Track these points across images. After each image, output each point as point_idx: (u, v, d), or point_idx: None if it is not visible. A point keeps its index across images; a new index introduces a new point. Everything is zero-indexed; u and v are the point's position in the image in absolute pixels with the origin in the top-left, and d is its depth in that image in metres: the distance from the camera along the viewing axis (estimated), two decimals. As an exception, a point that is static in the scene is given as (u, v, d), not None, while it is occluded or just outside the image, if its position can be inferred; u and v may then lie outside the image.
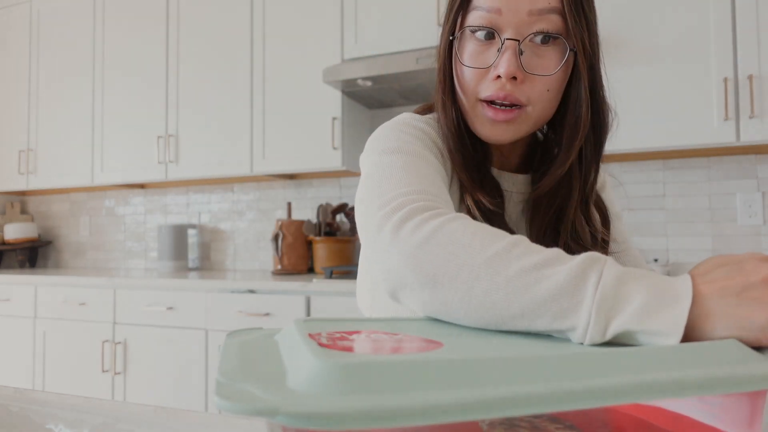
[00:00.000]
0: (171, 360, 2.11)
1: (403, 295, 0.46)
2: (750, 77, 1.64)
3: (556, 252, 0.41)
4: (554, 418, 0.35)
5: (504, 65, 0.57)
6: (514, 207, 0.70)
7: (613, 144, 0.72)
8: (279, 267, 2.32)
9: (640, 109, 1.76)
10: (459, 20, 0.63)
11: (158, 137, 2.54)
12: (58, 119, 2.81)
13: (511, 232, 0.66)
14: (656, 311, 0.34)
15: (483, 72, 0.60)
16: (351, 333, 0.35)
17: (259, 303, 1.97)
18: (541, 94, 0.60)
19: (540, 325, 0.38)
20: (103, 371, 2.23)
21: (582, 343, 0.37)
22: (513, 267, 0.40)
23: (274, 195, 2.65)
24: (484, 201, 0.64)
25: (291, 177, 2.58)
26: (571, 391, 0.25)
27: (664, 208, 2.01)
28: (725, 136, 1.66)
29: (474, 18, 0.60)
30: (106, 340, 2.23)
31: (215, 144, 2.42)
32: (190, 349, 2.08)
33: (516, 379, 0.26)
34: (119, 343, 2.21)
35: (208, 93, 2.45)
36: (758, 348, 0.33)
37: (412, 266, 0.45)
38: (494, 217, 0.65)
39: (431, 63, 0.70)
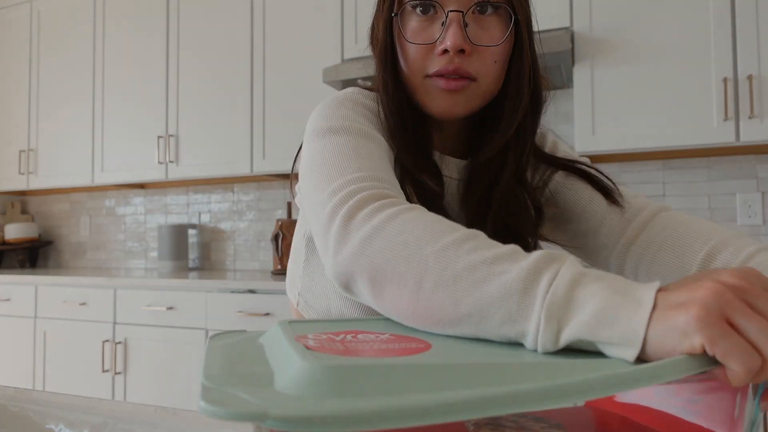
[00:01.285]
0: (171, 360, 2.12)
1: (356, 290, 0.45)
2: (750, 77, 1.64)
3: (512, 248, 0.37)
4: (539, 418, 0.35)
5: (451, 38, 0.56)
6: (452, 193, 0.67)
7: (612, 144, 0.73)
8: (279, 267, 2.32)
9: (640, 109, 1.76)
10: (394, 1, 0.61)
11: (158, 137, 2.54)
12: (59, 119, 2.81)
13: (449, 218, 0.65)
14: (612, 319, 0.30)
15: (428, 48, 0.59)
16: (338, 334, 0.34)
17: (259, 303, 1.97)
18: (488, 66, 0.59)
19: (488, 328, 0.35)
20: (103, 371, 2.23)
21: (535, 351, 0.34)
22: (462, 262, 0.37)
23: (274, 195, 2.65)
24: (426, 184, 0.62)
25: (291, 177, 2.58)
26: (538, 391, 0.25)
27: (664, 208, 2.01)
28: (725, 136, 1.66)
29: None
30: (107, 340, 2.24)
31: (215, 144, 2.43)
32: (190, 349, 2.08)
33: (496, 382, 0.26)
34: (119, 343, 2.21)
35: (208, 93, 2.45)
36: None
37: (362, 260, 0.43)
38: (434, 202, 0.63)
39: (365, 48, 0.68)
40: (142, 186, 2.91)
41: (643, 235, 0.62)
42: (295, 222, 2.33)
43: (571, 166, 0.69)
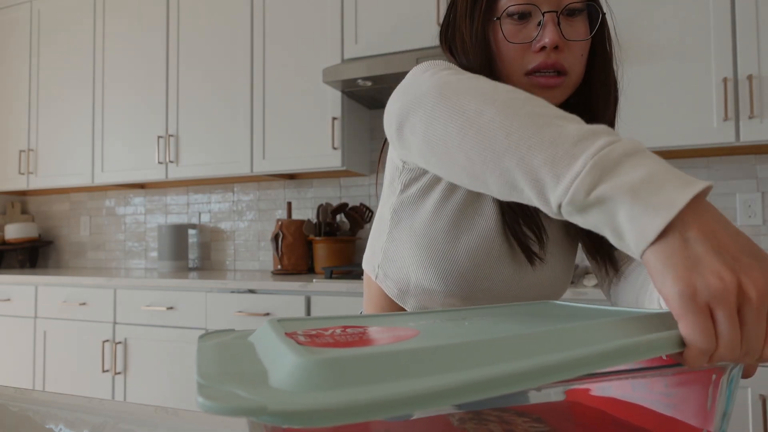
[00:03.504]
0: (171, 360, 2.12)
1: (414, 116, 0.48)
2: (750, 77, 1.64)
3: (578, 118, 0.39)
4: (521, 412, 0.35)
5: (549, 35, 0.63)
6: None
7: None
8: (279, 267, 2.32)
9: (640, 109, 1.76)
10: (492, 5, 0.67)
11: (158, 137, 2.54)
12: (59, 119, 2.81)
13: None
14: (659, 186, 0.32)
15: (526, 47, 0.65)
16: (327, 329, 0.35)
17: (259, 303, 1.97)
18: (577, 59, 0.66)
19: (531, 166, 0.37)
20: (103, 371, 2.23)
21: (560, 204, 0.35)
22: (527, 108, 0.40)
23: (274, 195, 2.65)
24: None
25: (291, 177, 2.58)
26: (541, 367, 0.26)
27: (664, 208, 2.01)
28: (725, 136, 1.66)
29: (507, 1, 0.65)
30: (107, 340, 2.24)
31: (215, 144, 2.43)
32: (190, 349, 2.08)
33: (490, 360, 0.27)
34: (119, 343, 2.21)
35: (208, 93, 2.45)
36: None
37: (441, 86, 0.46)
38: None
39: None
40: (142, 186, 2.91)
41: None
42: (294, 222, 2.33)
43: None
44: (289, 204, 2.44)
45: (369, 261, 0.76)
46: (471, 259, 0.64)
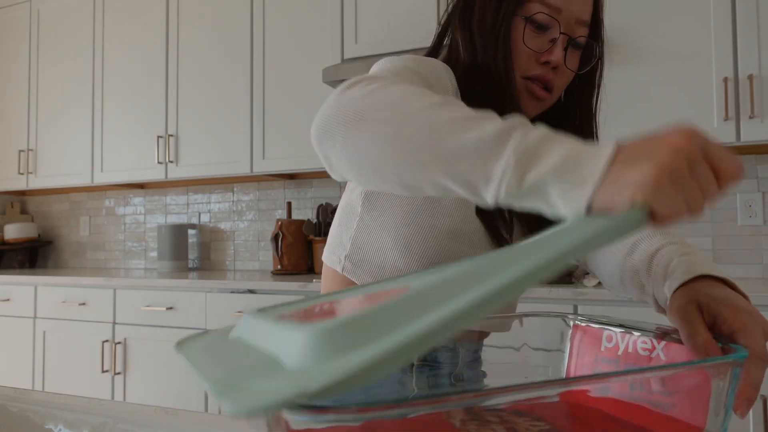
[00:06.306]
0: (171, 360, 2.11)
1: (330, 138, 0.48)
2: (750, 77, 1.64)
3: (492, 113, 0.42)
4: (520, 412, 0.35)
5: (557, 56, 0.69)
6: None
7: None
8: (279, 267, 2.32)
9: (640, 109, 1.75)
10: (521, 2, 0.70)
11: (158, 137, 2.54)
12: (58, 119, 2.81)
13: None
14: (576, 162, 0.35)
15: (534, 54, 0.70)
16: (314, 307, 0.34)
17: (259, 303, 1.97)
18: (563, 84, 0.73)
19: (459, 173, 0.40)
20: (103, 371, 2.23)
21: (497, 199, 0.38)
22: (444, 116, 0.42)
23: (274, 195, 2.65)
24: None
25: (291, 177, 2.58)
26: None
27: (664, 208, 2.00)
28: (725, 136, 1.66)
29: (536, 8, 0.69)
30: (106, 340, 2.23)
31: (215, 144, 2.42)
32: (190, 349, 2.08)
33: (495, 271, 0.28)
34: (119, 343, 2.21)
35: (208, 93, 2.45)
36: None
37: (345, 108, 0.47)
38: None
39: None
40: (141, 186, 2.90)
41: None
42: (294, 222, 2.33)
43: None
44: (289, 204, 2.44)
45: (333, 253, 0.74)
46: (452, 234, 0.66)
